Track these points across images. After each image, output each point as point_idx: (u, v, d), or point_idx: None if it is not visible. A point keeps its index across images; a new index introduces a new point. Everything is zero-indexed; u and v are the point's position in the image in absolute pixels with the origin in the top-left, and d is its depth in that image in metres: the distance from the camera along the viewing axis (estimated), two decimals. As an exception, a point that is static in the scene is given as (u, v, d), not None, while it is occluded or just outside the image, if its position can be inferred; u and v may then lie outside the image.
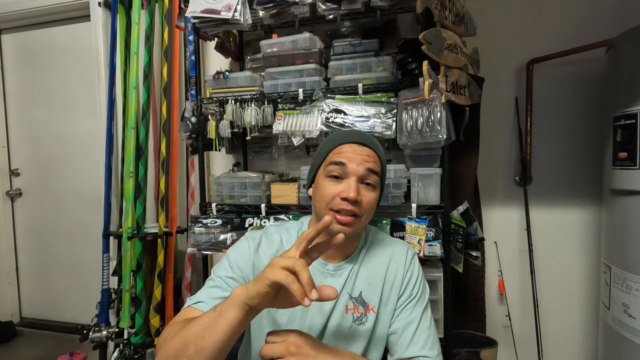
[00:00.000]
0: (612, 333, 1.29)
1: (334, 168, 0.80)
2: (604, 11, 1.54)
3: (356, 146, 0.82)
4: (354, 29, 1.60)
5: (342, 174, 0.80)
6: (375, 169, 0.81)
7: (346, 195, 0.77)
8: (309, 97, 1.43)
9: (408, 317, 0.84)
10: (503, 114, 1.69)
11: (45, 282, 2.54)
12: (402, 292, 0.87)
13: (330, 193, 0.79)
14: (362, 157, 0.80)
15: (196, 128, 1.52)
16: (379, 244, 0.92)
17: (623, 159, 1.22)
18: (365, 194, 0.80)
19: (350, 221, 0.78)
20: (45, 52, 2.39)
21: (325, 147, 0.85)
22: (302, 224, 0.93)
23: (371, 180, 0.81)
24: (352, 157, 0.80)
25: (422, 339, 0.82)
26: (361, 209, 0.79)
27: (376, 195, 0.83)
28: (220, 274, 0.82)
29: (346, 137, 0.84)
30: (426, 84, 1.11)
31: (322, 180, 0.82)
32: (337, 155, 0.81)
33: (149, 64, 1.90)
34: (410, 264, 0.89)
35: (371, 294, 0.85)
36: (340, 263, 0.86)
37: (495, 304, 1.73)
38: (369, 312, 0.84)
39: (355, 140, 0.83)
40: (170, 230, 1.86)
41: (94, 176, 2.15)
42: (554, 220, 1.66)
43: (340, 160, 0.80)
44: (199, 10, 1.39)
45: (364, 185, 0.80)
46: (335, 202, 0.78)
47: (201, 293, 0.79)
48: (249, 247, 0.85)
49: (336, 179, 0.80)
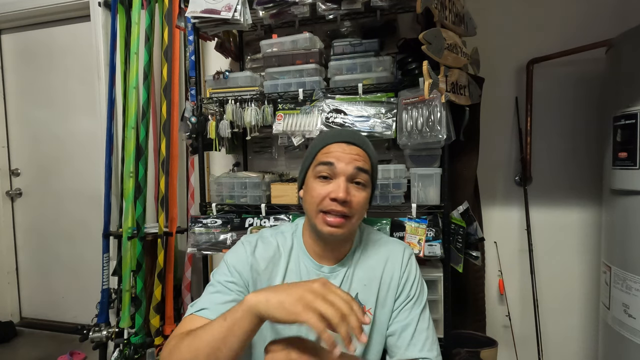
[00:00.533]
0: (612, 333, 1.29)
1: (323, 168, 0.79)
2: (604, 11, 1.54)
3: (345, 145, 0.80)
4: (354, 29, 1.60)
5: (331, 174, 0.78)
6: (365, 167, 0.80)
7: (335, 196, 0.76)
8: (309, 97, 1.43)
9: (406, 318, 0.84)
10: (503, 114, 1.69)
11: (45, 282, 2.54)
12: (400, 293, 0.86)
13: (319, 194, 0.78)
14: (351, 156, 0.79)
15: (196, 128, 1.52)
16: (375, 244, 0.90)
17: (623, 159, 1.22)
18: (355, 194, 0.78)
19: (340, 222, 0.77)
20: (45, 52, 2.40)
21: (314, 148, 0.84)
22: (296, 227, 0.91)
23: (361, 179, 0.79)
24: (341, 157, 0.79)
25: (420, 340, 0.82)
26: (351, 209, 0.78)
27: (367, 195, 0.81)
28: (220, 279, 0.81)
29: (334, 136, 0.83)
30: (426, 84, 1.11)
31: (312, 181, 0.81)
32: (325, 155, 0.80)
33: (149, 64, 1.90)
34: (407, 264, 0.88)
35: (367, 296, 0.84)
36: (335, 265, 0.85)
37: (495, 304, 1.73)
38: (365, 313, 0.83)
39: (344, 140, 0.81)
40: (170, 230, 1.86)
41: (94, 176, 2.15)
42: (554, 220, 1.66)
43: (328, 160, 0.79)
44: (199, 10, 1.39)
45: (353, 185, 0.79)
46: (325, 203, 0.77)
47: (203, 300, 0.77)
48: (245, 251, 0.84)
49: (325, 180, 0.79)
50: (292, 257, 0.86)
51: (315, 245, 0.85)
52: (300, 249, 0.87)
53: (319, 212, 0.78)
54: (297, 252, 0.86)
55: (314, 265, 0.85)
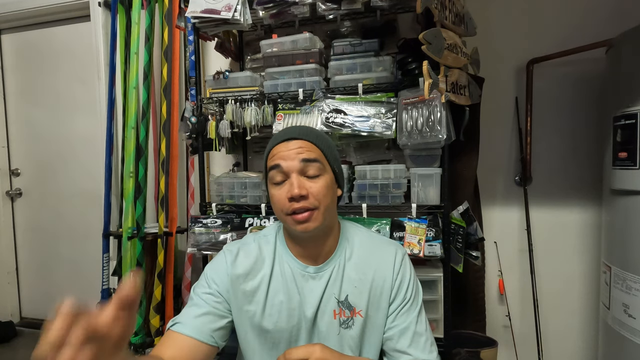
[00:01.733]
0: (612, 333, 1.29)
1: (273, 173, 0.78)
2: (603, 11, 1.54)
3: (287, 143, 0.79)
4: (354, 29, 1.60)
5: (283, 176, 0.78)
6: (312, 156, 0.78)
7: (291, 195, 0.75)
8: (309, 97, 1.43)
9: (404, 322, 0.82)
10: (503, 114, 1.69)
11: (45, 282, 2.54)
12: (394, 297, 0.83)
13: (279, 199, 0.77)
14: (295, 151, 0.78)
15: (196, 128, 1.52)
16: (365, 245, 0.87)
17: (623, 159, 1.22)
18: (310, 185, 0.77)
19: (307, 217, 0.75)
20: (45, 52, 2.39)
21: (265, 157, 0.83)
22: (279, 227, 0.90)
23: (312, 170, 0.77)
24: (285, 155, 0.77)
25: (420, 343, 0.81)
26: (313, 200, 0.76)
27: (325, 182, 0.78)
28: (198, 291, 0.82)
29: (277, 138, 0.82)
30: (426, 84, 1.11)
31: (271, 189, 0.80)
32: (272, 159, 0.79)
33: (149, 64, 1.90)
34: (401, 267, 0.85)
35: (358, 298, 0.82)
36: (321, 265, 0.83)
37: (495, 304, 1.73)
38: (355, 315, 0.82)
39: (285, 138, 0.80)
40: (170, 230, 1.86)
41: (94, 176, 2.15)
42: (554, 220, 1.66)
43: (275, 163, 0.78)
44: (199, 10, 1.39)
45: (306, 178, 0.77)
46: (287, 206, 0.76)
47: (182, 313, 0.79)
48: (225, 261, 0.84)
49: (280, 184, 0.78)
50: (277, 261, 0.85)
51: (296, 246, 0.84)
52: (284, 251, 0.86)
53: (286, 215, 0.78)
54: (281, 254, 0.85)
55: (299, 266, 0.83)
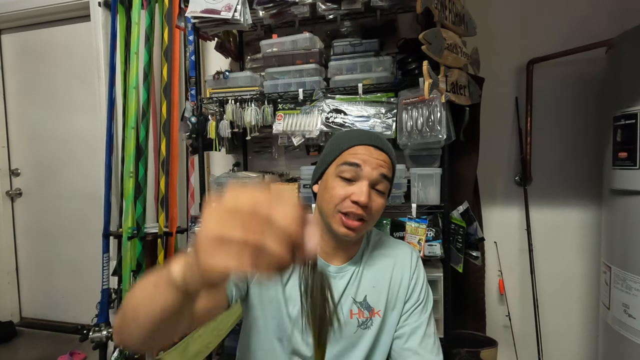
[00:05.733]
0: (612, 333, 1.29)
1: (347, 169, 0.77)
2: (603, 11, 1.54)
3: (372, 149, 0.78)
4: (354, 29, 1.61)
5: (355, 176, 0.77)
6: (389, 175, 0.79)
7: (357, 199, 0.74)
8: (309, 97, 1.43)
9: (415, 322, 0.84)
10: (503, 114, 1.69)
11: (45, 282, 2.54)
12: (409, 296, 0.86)
13: (339, 194, 0.76)
14: (378, 162, 0.77)
15: (196, 128, 1.52)
16: (382, 246, 0.90)
17: (623, 159, 1.22)
18: (375, 199, 0.77)
19: (357, 226, 0.76)
20: (45, 52, 2.39)
21: (340, 145, 0.80)
22: None
23: (382, 187, 0.78)
24: (368, 160, 0.76)
25: (429, 344, 0.82)
26: (370, 214, 0.77)
27: (384, 202, 0.80)
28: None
29: (362, 138, 0.80)
30: (426, 84, 1.11)
31: (332, 179, 0.78)
32: (352, 155, 0.77)
33: (149, 64, 1.90)
34: (416, 268, 0.88)
35: (376, 298, 0.84)
36: (343, 265, 0.84)
37: (495, 304, 1.73)
38: (374, 316, 0.83)
39: (372, 143, 0.79)
40: (170, 230, 1.86)
41: (94, 176, 2.15)
42: (554, 220, 1.66)
43: (355, 161, 0.76)
44: (199, 10, 1.39)
45: (374, 191, 0.78)
46: (345, 204, 0.76)
47: None
48: None
49: (347, 181, 0.77)
50: None
51: (324, 244, 0.83)
52: None
53: (337, 212, 0.76)
54: None
55: (321, 263, 0.84)
